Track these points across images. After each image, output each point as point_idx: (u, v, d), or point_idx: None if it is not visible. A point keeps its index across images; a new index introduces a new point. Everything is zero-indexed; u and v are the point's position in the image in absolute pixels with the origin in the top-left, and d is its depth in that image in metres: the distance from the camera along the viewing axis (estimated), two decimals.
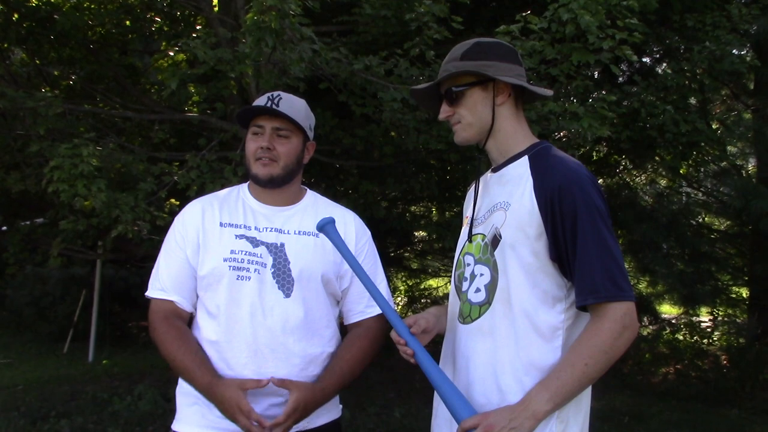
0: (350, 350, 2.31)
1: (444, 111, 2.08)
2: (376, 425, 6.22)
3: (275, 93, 2.30)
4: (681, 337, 9.52)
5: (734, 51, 6.56)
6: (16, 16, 6.45)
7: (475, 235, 2.07)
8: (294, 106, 2.30)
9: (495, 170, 2.11)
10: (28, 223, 7.05)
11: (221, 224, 2.29)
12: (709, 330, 9.63)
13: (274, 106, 2.25)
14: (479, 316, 1.97)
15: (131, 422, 6.06)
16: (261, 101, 2.29)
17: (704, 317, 10.06)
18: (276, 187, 2.33)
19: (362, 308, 2.38)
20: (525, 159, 2.01)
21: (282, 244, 2.27)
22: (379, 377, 7.41)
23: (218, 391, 2.05)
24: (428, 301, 12.42)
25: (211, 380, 2.09)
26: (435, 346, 2.00)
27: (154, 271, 2.33)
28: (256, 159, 2.28)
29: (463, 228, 2.18)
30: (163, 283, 2.28)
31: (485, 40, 2.10)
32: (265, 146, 2.26)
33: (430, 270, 13.08)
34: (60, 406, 6.66)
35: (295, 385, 2.11)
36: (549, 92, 2.14)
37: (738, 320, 9.58)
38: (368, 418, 6.34)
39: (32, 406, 6.70)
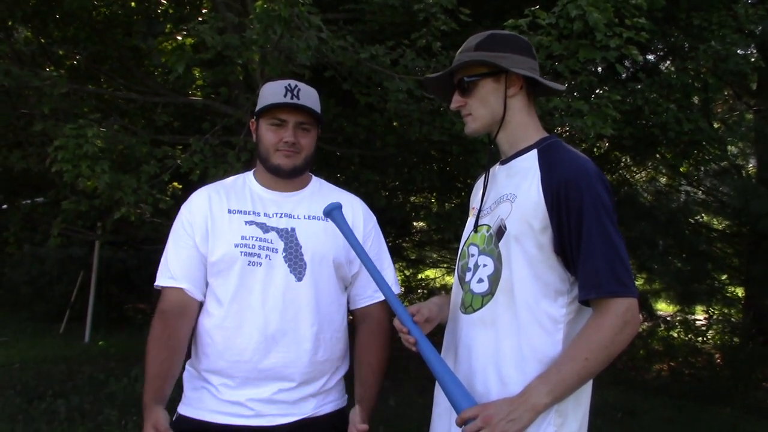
0: (374, 353, 2.36)
1: (456, 101, 2.09)
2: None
3: (292, 83, 2.27)
4: (676, 335, 9.59)
5: (739, 51, 6.57)
6: None
7: (480, 225, 2.08)
8: (312, 97, 2.30)
9: (503, 162, 2.11)
10: (28, 202, 7.06)
11: (230, 211, 2.29)
12: (703, 328, 9.69)
13: (295, 99, 2.24)
14: (481, 307, 1.98)
15: (127, 403, 6.08)
16: (278, 91, 2.25)
17: (699, 315, 10.12)
18: (295, 177, 2.34)
19: (371, 293, 2.39)
20: (534, 152, 2.00)
21: (293, 229, 2.27)
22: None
23: (147, 413, 2.08)
24: (425, 291, 12.46)
25: (152, 398, 2.11)
26: (432, 337, 2.01)
27: (162, 260, 2.32)
28: (277, 150, 2.27)
29: (469, 218, 2.19)
30: (173, 271, 2.27)
31: (500, 32, 2.10)
32: (290, 141, 2.25)
33: (428, 261, 13.14)
34: (56, 386, 6.69)
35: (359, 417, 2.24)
36: (561, 87, 2.14)
37: (733, 319, 9.64)
38: None
39: (28, 385, 6.73)
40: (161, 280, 2.29)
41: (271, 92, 2.28)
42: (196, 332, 2.31)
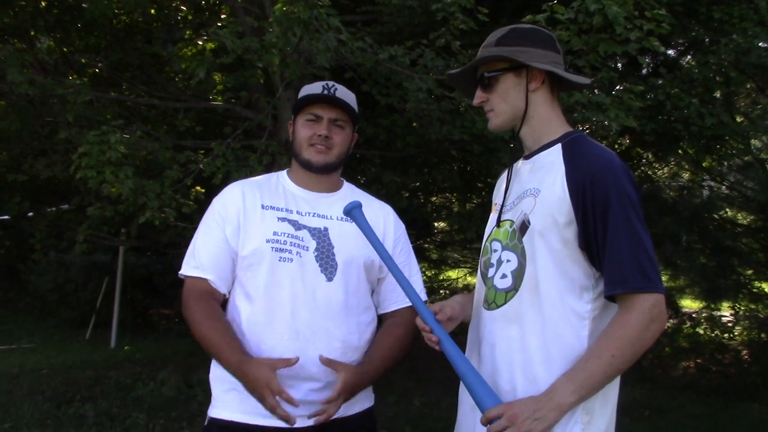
0: (389, 338, 2.34)
1: (478, 96, 2.08)
2: (396, 414, 6.24)
3: (329, 83, 2.33)
4: (701, 332, 9.47)
5: (761, 44, 6.50)
6: (43, 3, 6.51)
7: (503, 221, 2.06)
8: (348, 96, 2.34)
9: (527, 157, 2.08)
10: (54, 209, 7.13)
11: (263, 207, 2.30)
12: (730, 324, 9.57)
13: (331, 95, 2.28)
14: (505, 302, 1.96)
15: (155, 407, 6.13)
16: (315, 89, 2.30)
17: (725, 312, 10.00)
18: (326, 174, 2.36)
19: (399, 297, 2.38)
20: (558, 147, 1.98)
21: (326, 229, 2.29)
22: (398, 366, 7.42)
23: (248, 370, 2.07)
24: (447, 292, 12.42)
25: (240, 359, 2.10)
26: (455, 336, 2.00)
27: (189, 249, 2.32)
28: (310, 145, 2.30)
29: (491, 214, 2.17)
30: (200, 261, 2.27)
31: (522, 26, 2.09)
32: (323, 134, 2.28)
33: (449, 261, 13.08)
34: (84, 391, 6.75)
35: (342, 366, 2.15)
36: (587, 80, 2.11)
37: (760, 315, 9.51)
38: (388, 407, 6.36)
39: (57, 390, 6.80)
40: (187, 269, 2.29)
41: (309, 90, 2.33)
42: None
